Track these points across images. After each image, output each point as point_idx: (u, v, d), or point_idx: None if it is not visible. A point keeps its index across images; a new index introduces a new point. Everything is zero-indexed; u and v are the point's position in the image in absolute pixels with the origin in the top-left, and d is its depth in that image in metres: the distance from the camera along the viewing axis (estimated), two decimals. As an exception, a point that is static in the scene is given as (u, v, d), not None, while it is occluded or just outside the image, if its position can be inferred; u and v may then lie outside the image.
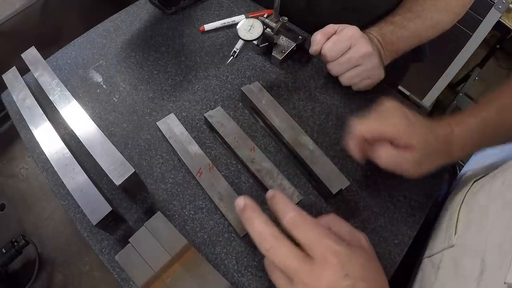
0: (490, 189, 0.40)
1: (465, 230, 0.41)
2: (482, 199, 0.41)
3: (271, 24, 0.56)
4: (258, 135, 0.56)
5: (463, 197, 0.45)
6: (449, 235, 0.43)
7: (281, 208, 0.33)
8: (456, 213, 0.44)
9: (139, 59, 0.64)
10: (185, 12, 0.70)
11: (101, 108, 0.59)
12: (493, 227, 0.35)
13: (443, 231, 0.45)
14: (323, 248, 0.30)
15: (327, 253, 0.30)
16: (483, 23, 1.20)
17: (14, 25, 1.00)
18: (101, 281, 0.99)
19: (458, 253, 0.40)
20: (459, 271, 0.37)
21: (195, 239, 0.48)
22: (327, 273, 0.29)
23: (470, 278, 0.34)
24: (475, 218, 0.40)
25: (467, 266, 0.36)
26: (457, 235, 0.41)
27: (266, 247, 0.31)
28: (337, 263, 0.29)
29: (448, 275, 0.39)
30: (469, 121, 0.44)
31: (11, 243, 0.97)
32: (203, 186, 0.50)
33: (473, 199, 0.43)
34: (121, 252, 0.43)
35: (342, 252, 0.30)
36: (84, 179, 0.44)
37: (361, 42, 0.53)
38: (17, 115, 0.57)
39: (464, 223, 0.42)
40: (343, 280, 0.29)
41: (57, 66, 0.63)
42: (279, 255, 0.30)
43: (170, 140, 0.53)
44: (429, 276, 0.43)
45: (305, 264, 0.30)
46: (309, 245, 0.30)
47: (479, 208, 0.41)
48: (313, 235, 0.31)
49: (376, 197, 0.51)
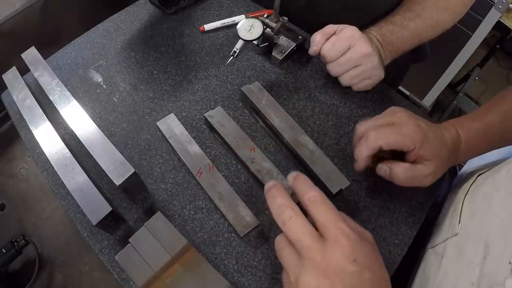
0: (495, 179, 0.41)
1: (469, 218, 0.42)
2: (486, 189, 0.42)
3: (271, 24, 0.56)
4: (258, 135, 0.56)
5: (467, 189, 0.46)
6: (453, 224, 0.43)
7: (303, 187, 0.34)
8: (460, 203, 0.45)
9: (139, 59, 0.64)
10: (185, 12, 0.70)
11: (101, 108, 0.59)
12: (497, 214, 0.36)
13: (447, 222, 0.46)
14: (337, 230, 0.31)
15: (340, 235, 0.30)
16: (483, 23, 1.20)
17: (14, 25, 1.00)
18: (101, 281, 0.99)
19: (461, 241, 0.40)
20: (462, 258, 0.38)
21: (195, 239, 0.48)
22: (337, 254, 0.30)
23: (473, 263, 0.35)
24: (479, 207, 0.41)
25: (470, 253, 0.37)
26: (461, 224, 0.42)
27: (284, 219, 0.32)
28: (348, 246, 0.30)
29: (451, 262, 0.40)
30: (474, 126, 0.45)
31: (11, 243, 0.97)
32: (203, 186, 0.50)
33: (477, 189, 0.44)
34: (121, 252, 0.43)
35: (353, 238, 0.31)
36: (84, 179, 0.44)
37: (360, 42, 0.53)
38: (17, 115, 0.57)
39: (468, 212, 0.43)
40: (351, 264, 0.29)
41: (57, 66, 0.63)
42: (295, 229, 0.31)
43: (170, 140, 0.53)
44: (432, 265, 0.43)
45: (318, 242, 0.30)
46: (324, 225, 0.31)
47: (483, 197, 0.41)
48: (330, 216, 0.31)
49: (376, 197, 0.51)
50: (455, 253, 0.40)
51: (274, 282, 0.45)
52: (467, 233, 0.40)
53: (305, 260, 0.30)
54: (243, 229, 0.46)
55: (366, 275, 0.30)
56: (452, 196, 0.50)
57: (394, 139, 0.42)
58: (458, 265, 0.38)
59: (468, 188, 0.46)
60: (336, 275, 0.29)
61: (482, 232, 0.36)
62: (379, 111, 0.56)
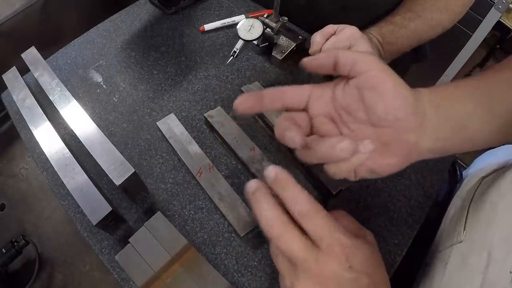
0: (499, 187, 0.41)
1: (474, 226, 0.41)
2: (491, 196, 0.42)
3: (271, 24, 0.56)
4: (258, 135, 0.56)
5: (472, 195, 0.46)
6: (458, 231, 0.43)
7: (290, 195, 0.31)
8: (466, 210, 0.44)
9: (139, 59, 0.64)
10: (185, 12, 0.70)
11: (101, 108, 0.59)
12: (501, 222, 0.36)
13: (452, 227, 0.46)
14: (332, 239, 0.30)
15: (334, 244, 0.30)
16: (483, 23, 1.20)
17: (14, 25, 1.00)
18: (101, 281, 0.99)
19: (466, 248, 0.40)
20: (466, 265, 0.38)
21: (195, 239, 0.48)
22: (332, 263, 0.29)
23: (476, 271, 0.35)
24: (484, 215, 0.41)
25: (474, 261, 0.37)
26: (466, 231, 0.42)
27: (273, 235, 0.30)
28: (342, 254, 0.29)
29: (455, 270, 0.40)
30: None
31: (11, 243, 0.97)
32: (203, 186, 0.50)
33: (482, 197, 0.44)
34: (121, 252, 0.43)
35: (348, 244, 0.30)
36: (84, 179, 0.44)
37: (360, 42, 0.53)
38: (17, 115, 0.57)
39: (473, 220, 0.43)
40: (347, 272, 0.29)
41: (57, 66, 0.63)
42: (286, 243, 0.30)
43: (170, 140, 0.53)
44: (437, 272, 0.44)
45: (312, 252, 0.30)
46: (319, 237, 0.30)
47: (489, 205, 0.41)
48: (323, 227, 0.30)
49: (376, 197, 0.51)
50: (459, 261, 0.40)
51: (274, 282, 0.45)
52: (472, 241, 0.40)
53: (300, 269, 0.30)
54: (243, 229, 0.46)
55: (364, 281, 0.29)
56: (457, 201, 0.50)
57: None
58: (461, 273, 0.38)
59: (472, 195, 0.46)
60: (332, 284, 0.29)
61: (486, 240, 0.36)
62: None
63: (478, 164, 0.56)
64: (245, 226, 0.46)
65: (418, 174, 0.52)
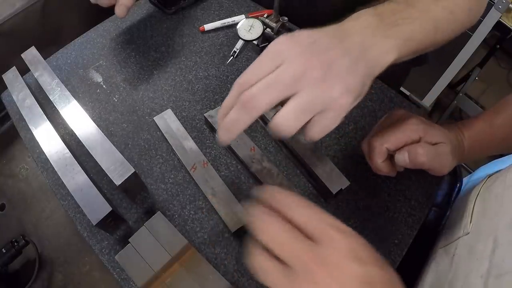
0: (505, 179, 0.41)
1: (480, 218, 0.42)
2: (497, 188, 0.42)
3: (271, 24, 0.56)
4: (258, 135, 0.56)
5: (478, 190, 0.46)
6: (465, 224, 0.44)
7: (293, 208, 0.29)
8: (472, 204, 0.45)
9: (139, 59, 0.64)
10: (185, 12, 0.70)
11: (101, 108, 0.59)
12: (507, 209, 0.37)
13: (458, 223, 0.46)
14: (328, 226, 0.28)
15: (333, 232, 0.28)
16: (483, 23, 1.20)
17: (14, 25, 1.00)
18: (101, 281, 0.99)
19: (472, 239, 0.41)
20: (473, 254, 0.38)
21: (195, 239, 0.48)
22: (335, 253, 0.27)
23: (483, 257, 0.35)
24: (490, 206, 0.41)
25: (480, 248, 0.37)
26: (472, 223, 0.42)
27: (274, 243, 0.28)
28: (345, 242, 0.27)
29: (462, 259, 0.40)
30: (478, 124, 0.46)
31: (11, 243, 0.97)
32: (197, 181, 0.50)
33: (488, 189, 0.45)
34: (121, 252, 0.43)
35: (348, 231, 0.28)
36: (84, 179, 0.44)
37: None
38: (17, 115, 0.57)
39: (479, 212, 0.43)
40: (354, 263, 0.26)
41: (57, 66, 0.63)
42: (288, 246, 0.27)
43: (166, 136, 0.53)
44: (444, 264, 0.44)
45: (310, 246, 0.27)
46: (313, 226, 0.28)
47: (495, 196, 0.42)
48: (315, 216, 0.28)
49: (376, 197, 0.51)
50: (466, 251, 0.40)
51: (274, 282, 0.45)
52: (478, 230, 0.40)
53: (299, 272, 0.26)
54: (235, 225, 0.46)
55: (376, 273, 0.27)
56: (462, 200, 0.50)
57: (396, 136, 0.42)
58: (468, 261, 0.38)
59: (479, 190, 0.46)
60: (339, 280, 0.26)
61: (492, 228, 0.37)
62: (379, 111, 0.56)
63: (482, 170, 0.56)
64: (236, 223, 0.46)
65: (418, 174, 0.52)
